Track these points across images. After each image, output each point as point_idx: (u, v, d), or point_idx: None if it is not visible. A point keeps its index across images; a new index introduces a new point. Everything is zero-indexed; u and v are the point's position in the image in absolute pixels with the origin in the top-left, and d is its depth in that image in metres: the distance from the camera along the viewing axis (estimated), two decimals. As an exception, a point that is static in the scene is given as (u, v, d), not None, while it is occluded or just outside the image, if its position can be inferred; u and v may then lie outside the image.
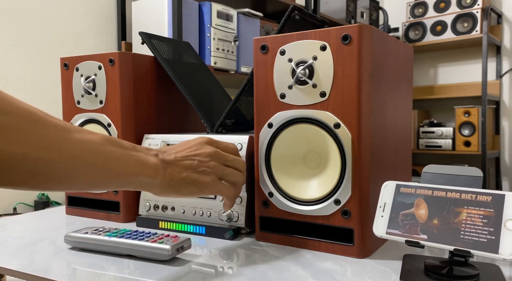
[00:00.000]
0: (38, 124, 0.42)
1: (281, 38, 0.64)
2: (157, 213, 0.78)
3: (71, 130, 0.46)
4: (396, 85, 0.70)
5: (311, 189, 0.63)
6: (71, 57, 0.86)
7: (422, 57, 3.52)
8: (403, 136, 0.73)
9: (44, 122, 0.43)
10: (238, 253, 0.63)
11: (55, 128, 0.44)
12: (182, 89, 0.84)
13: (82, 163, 0.45)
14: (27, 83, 1.80)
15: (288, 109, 0.64)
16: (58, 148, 0.43)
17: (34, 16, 1.81)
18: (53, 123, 0.44)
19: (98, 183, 0.48)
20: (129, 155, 0.51)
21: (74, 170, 0.45)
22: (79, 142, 0.45)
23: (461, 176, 0.54)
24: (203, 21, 2.00)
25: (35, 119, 0.42)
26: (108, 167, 0.48)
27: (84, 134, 0.47)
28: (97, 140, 0.48)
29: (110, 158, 0.48)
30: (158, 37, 0.92)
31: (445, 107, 3.42)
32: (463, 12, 3.03)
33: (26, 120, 0.41)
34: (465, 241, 0.48)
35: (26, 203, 1.77)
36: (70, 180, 0.45)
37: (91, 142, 0.47)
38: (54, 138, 0.43)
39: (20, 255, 0.63)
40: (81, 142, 0.46)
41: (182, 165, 0.56)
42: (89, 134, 0.48)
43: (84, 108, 0.85)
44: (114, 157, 0.49)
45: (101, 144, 0.48)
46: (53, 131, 0.43)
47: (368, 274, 0.54)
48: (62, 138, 0.44)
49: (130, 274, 0.55)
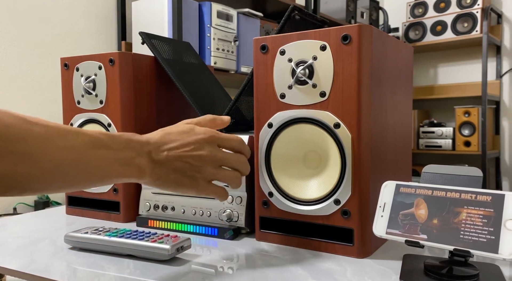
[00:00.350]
0: (15, 139, 0.41)
1: (281, 38, 0.64)
2: (157, 213, 0.78)
3: (53, 138, 0.45)
4: (396, 85, 0.70)
5: (311, 189, 0.63)
6: (71, 57, 0.86)
7: (422, 57, 3.52)
8: (403, 136, 0.73)
9: (22, 136, 0.42)
10: (238, 253, 0.63)
11: (34, 140, 0.43)
12: (182, 89, 0.84)
13: (61, 173, 0.45)
14: (27, 83, 1.80)
15: (288, 109, 0.64)
16: (37, 161, 0.43)
17: (34, 16, 1.81)
18: (32, 135, 0.43)
19: (79, 187, 0.48)
20: (114, 158, 0.50)
21: (53, 180, 0.45)
22: (60, 152, 0.45)
23: (461, 176, 0.54)
24: (203, 21, 2.00)
25: (12, 134, 0.41)
26: (89, 173, 0.48)
27: (68, 139, 0.46)
28: (81, 145, 0.47)
29: (92, 164, 0.47)
30: (158, 37, 0.92)
31: (445, 107, 3.42)
32: (463, 12, 3.03)
33: (3, 138, 0.40)
34: (465, 241, 0.48)
35: (26, 203, 1.77)
36: (50, 189, 0.46)
37: (73, 150, 0.46)
38: (32, 152, 0.42)
39: (20, 255, 0.63)
40: (62, 151, 0.45)
41: (172, 166, 0.54)
42: (75, 137, 0.47)
43: (84, 108, 0.85)
44: (96, 163, 0.48)
45: (85, 149, 0.47)
46: (32, 144, 0.42)
47: (368, 274, 0.54)
48: (41, 150, 0.43)
49: (130, 274, 0.55)
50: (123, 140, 0.51)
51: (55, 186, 0.46)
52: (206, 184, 0.57)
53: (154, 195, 0.78)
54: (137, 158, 0.52)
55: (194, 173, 0.56)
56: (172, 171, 0.54)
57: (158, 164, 0.54)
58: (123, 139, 0.52)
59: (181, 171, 0.55)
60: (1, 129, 0.40)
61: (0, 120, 0.41)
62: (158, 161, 0.54)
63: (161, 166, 0.54)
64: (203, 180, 0.57)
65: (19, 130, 0.42)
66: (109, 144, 0.50)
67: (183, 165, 0.55)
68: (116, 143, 0.51)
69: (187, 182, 0.56)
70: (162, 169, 0.54)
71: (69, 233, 0.65)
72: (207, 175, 0.57)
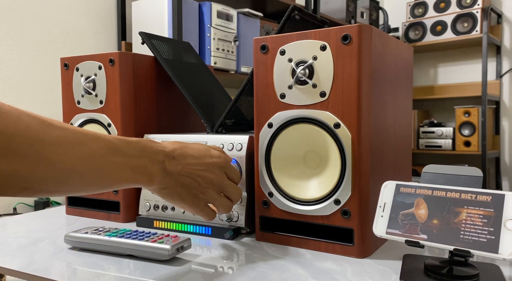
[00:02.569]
0: (33, 142, 0.41)
1: (281, 38, 0.64)
2: (157, 213, 0.78)
3: (71, 143, 0.44)
4: (396, 85, 0.70)
5: (311, 189, 0.63)
6: (71, 57, 0.86)
7: (422, 57, 3.52)
8: (403, 136, 0.73)
9: (41, 138, 0.42)
10: (238, 253, 0.63)
11: (51, 144, 0.42)
12: (182, 89, 0.84)
13: (76, 178, 0.45)
14: (27, 83, 1.80)
15: (288, 109, 0.64)
16: (53, 165, 0.42)
17: (34, 16, 1.81)
18: (50, 138, 0.42)
19: (90, 190, 0.48)
20: (127, 164, 0.50)
21: (66, 184, 0.45)
22: (76, 158, 0.45)
23: (461, 176, 0.54)
24: (203, 21, 2.00)
25: (31, 136, 0.41)
26: (102, 179, 0.48)
27: (85, 145, 0.46)
28: (96, 151, 0.47)
29: (105, 170, 0.48)
30: (158, 37, 0.92)
31: (445, 107, 3.42)
32: (463, 12, 3.02)
33: (21, 139, 0.40)
34: (465, 241, 0.48)
35: (26, 203, 1.77)
36: (62, 191, 0.46)
37: (89, 156, 0.46)
38: (49, 156, 0.42)
39: (20, 255, 0.63)
40: (79, 157, 0.45)
41: (181, 181, 0.56)
42: (92, 143, 0.47)
43: (84, 108, 0.85)
44: (110, 169, 0.48)
45: (101, 156, 0.47)
46: (49, 148, 0.42)
47: (368, 274, 0.54)
48: (58, 154, 0.43)
49: (130, 274, 0.55)
50: (138, 147, 0.52)
51: (68, 189, 0.46)
52: (204, 205, 0.59)
53: (154, 195, 0.78)
54: (150, 166, 0.52)
55: (199, 193, 0.57)
56: (180, 185, 0.56)
57: (169, 175, 0.54)
58: (139, 146, 0.52)
59: (189, 187, 0.56)
60: (22, 130, 0.40)
61: (21, 121, 0.41)
62: (170, 172, 0.54)
63: (171, 177, 0.55)
64: (204, 201, 0.59)
65: (38, 132, 0.42)
66: (124, 150, 0.50)
67: (191, 183, 0.56)
68: (131, 149, 0.51)
69: (189, 200, 0.57)
70: (172, 181, 0.55)
71: (69, 233, 0.65)
72: (208, 198, 0.59)
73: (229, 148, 0.71)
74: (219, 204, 0.60)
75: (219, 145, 0.72)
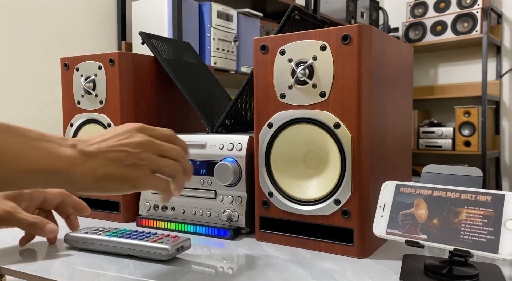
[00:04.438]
0: None
1: (281, 38, 0.64)
2: (157, 213, 0.78)
3: None
4: (396, 85, 0.70)
5: (311, 189, 0.63)
6: (71, 57, 0.86)
7: (422, 57, 3.52)
8: (403, 136, 0.73)
9: None
10: (238, 253, 0.63)
11: None
12: (182, 89, 0.84)
13: None
14: (27, 83, 1.80)
15: (288, 109, 0.64)
16: None
17: (34, 16, 1.81)
18: None
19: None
20: (35, 146, 0.44)
21: None
22: None
23: (461, 176, 0.54)
24: (203, 21, 1.99)
25: None
26: (6, 163, 0.42)
27: None
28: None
29: (7, 152, 0.42)
30: (158, 37, 0.92)
31: (445, 107, 3.42)
32: (463, 12, 3.02)
33: None
34: (465, 241, 0.48)
35: (26, 203, 1.77)
36: None
37: None
38: None
39: (20, 255, 0.63)
40: None
41: (108, 157, 0.47)
42: None
43: (84, 108, 0.85)
44: (13, 151, 0.42)
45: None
46: None
47: (368, 274, 0.54)
48: None
49: (130, 274, 0.55)
50: (36, 132, 0.46)
51: None
52: (150, 174, 0.50)
53: (154, 195, 0.78)
54: (58, 148, 0.45)
55: (135, 160, 0.48)
56: (110, 162, 0.47)
57: (90, 156, 0.47)
58: (37, 132, 0.46)
59: (119, 160, 0.48)
60: None
61: None
62: (89, 153, 0.47)
63: (94, 157, 0.47)
64: (146, 169, 0.49)
65: None
66: (23, 133, 0.45)
67: (119, 155, 0.48)
68: (31, 133, 0.45)
69: (131, 173, 0.48)
70: (97, 161, 0.47)
71: (69, 233, 0.65)
72: (149, 162, 0.49)
73: (229, 148, 0.71)
74: (164, 165, 0.50)
75: (219, 145, 0.72)
